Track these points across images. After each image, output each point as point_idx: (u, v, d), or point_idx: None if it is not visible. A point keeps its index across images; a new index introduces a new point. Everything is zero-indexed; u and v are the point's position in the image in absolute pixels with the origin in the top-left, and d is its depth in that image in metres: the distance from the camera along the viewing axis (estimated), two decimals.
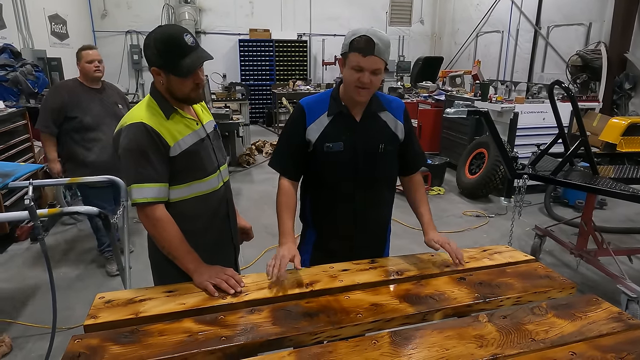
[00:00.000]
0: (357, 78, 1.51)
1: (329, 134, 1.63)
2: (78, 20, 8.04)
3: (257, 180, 6.11)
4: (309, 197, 1.79)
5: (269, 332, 1.22)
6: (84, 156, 3.02)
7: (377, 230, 1.83)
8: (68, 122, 2.97)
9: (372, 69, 1.49)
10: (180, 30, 1.44)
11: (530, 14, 8.24)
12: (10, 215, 1.90)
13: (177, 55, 1.42)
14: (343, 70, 1.57)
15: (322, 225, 1.79)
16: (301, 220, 1.86)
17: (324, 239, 1.79)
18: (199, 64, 1.45)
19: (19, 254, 3.74)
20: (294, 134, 1.68)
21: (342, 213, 1.72)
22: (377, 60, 1.49)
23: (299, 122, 1.66)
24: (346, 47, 1.52)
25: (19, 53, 4.60)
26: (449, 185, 5.82)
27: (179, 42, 1.41)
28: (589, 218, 3.21)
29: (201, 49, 1.47)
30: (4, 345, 2.46)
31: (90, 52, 3.00)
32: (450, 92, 6.99)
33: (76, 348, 1.14)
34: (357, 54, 1.48)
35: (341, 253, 1.74)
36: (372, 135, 1.67)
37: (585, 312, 1.36)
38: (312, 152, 1.67)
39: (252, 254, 3.64)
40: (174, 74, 1.45)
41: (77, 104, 2.97)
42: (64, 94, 2.99)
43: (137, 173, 1.45)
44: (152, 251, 1.66)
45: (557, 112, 3.12)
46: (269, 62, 10.21)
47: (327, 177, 1.70)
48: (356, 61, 1.49)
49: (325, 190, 1.72)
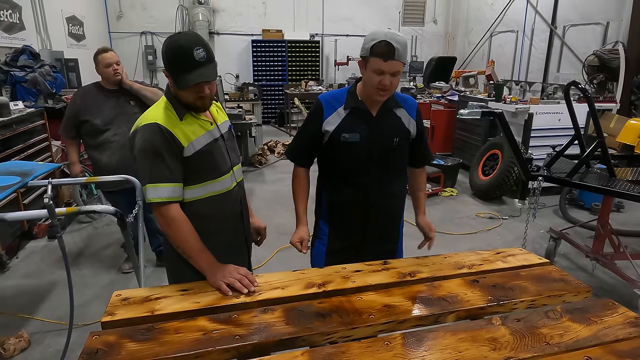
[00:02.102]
0: (378, 81, 1.59)
1: (346, 125, 1.71)
2: (94, 22, 8.18)
3: (269, 180, 6.14)
4: (325, 190, 1.87)
5: (282, 332, 1.23)
6: (97, 159, 3.06)
7: (390, 222, 1.89)
8: (83, 126, 3.02)
9: (393, 71, 1.58)
10: (194, 43, 1.42)
11: (545, 14, 8.13)
12: (31, 214, 1.95)
13: (181, 68, 1.43)
14: (363, 72, 1.65)
15: (337, 217, 1.86)
16: (316, 214, 1.95)
17: (338, 230, 1.86)
18: (197, 81, 1.44)
19: (37, 251, 3.82)
20: (310, 126, 1.79)
21: (357, 204, 1.79)
22: (397, 64, 1.56)
23: (317, 115, 1.75)
24: (367, 51, 1.58)
25: (37, 54, 4.70)
26: (461, 186, 5.78)
27: (187, 56, 1.41)
28: (606, 221, 3.16)
29: (209, 67, 1.45)
30: (22, 340, 2.52)
31: (106, 56, 2.96)
32: (463, 92, 6.93)
33: (94, 344, 1.16)
34: (378, 59, 1.55)
35: (355, 244, 1.82)
36: (388, 130, 1.74)
37: (601, 316, 1.35)
38: (328, 142, 1.74)
39: (264, 254, 3.66)
40: (175, 85, 1.48)
41: (89, 107, 2.99)
42: (77, 100, 3.04)
43: (152, 173, 1.47)
44: (166, 250, 1.68)
45: (573, 113, 3.08)
46: (281, 63, 10.24)
47: (343, 168, 1.78)
48: (377, 65, 1.56)
49: (341, 182, 1.80)
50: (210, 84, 1.50)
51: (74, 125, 3.04)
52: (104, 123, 2.98)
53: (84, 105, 3.00)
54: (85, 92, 3.10)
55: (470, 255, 1.77)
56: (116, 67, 2.97)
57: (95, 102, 3.00)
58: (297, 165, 1.89)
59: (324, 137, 1.75)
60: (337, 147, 1.73)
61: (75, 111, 3.00)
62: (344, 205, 1.81)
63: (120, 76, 3.00)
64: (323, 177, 1.88)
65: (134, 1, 9.40)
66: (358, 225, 1.82)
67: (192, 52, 1.41)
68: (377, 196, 1.78)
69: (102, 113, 2.99)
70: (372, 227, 1.82)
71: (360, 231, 1.83)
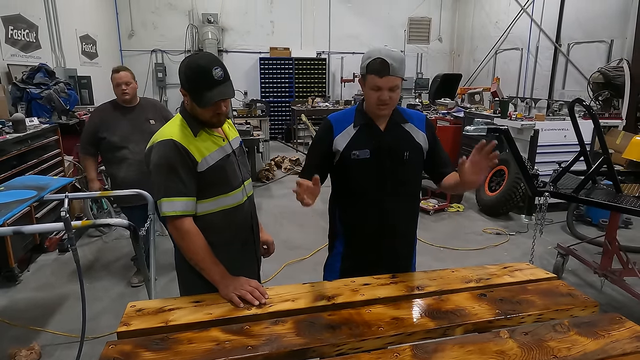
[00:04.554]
0: (377, 97, 1.64)
1: (356, 142, 1.73)
2: (107, 40, 8.40)
3: (276, 195, 6.18)
4: (338, 207, 1.87)
5: (293, 343, 1.26)
6: (114, 175, 3.17)
7: (404, 239, 1.88)
8: (101, 143, 3.13)
9: (389, 86, 1.62)
10: (212, 63, 1.51)
11: (550, 31, 8.23)
12: (47, 227, 2.00)
13: (201, 87, 1.50)
14: (363, 89, 1.70)
15: (351, 234, 1.84)
16: (330, 232, 1.93)
17: (352, 248, 1.85)
18: (219, 99, 1.52)
19: (48, 264, 3.87)
20: (320, 145, 1.79)
21: (371, 220, 1.78)
22: (393, 79, 1.61)
23: (326, 134, 1.77)
24: (364, 70, 1.65)
25: (53, 72, 4.83)
26: (468, 202, 5.78)
27: (207, 75, 1.48)
28: (614, 237, 3.16)
29: (227, 85, 1.54)
30: (33, 352, 2.55)
31: (117, 76, 3.07)
32: (469, 109, 6.99)
33: (111, 353, 1.20)
34: (374, 76, 1.61)
35: (370, 262, 1.80)
36: (397, 143, 1.76)
37: (609, 330, 1.36)
38: (339, 161, 1.76)
39: (272, 268, 3.68)
40: (195, 102, 1.54)
41: (106, 124, 3.11)
42: (96, 118, 3.19)
43: (167, 187, 1.53)
44: (178, 262, 1.72)
45: (578, 130, 3.12)
46: (288, 80, 10.40)
47: (355, 185, 1.77)
48: (374, 82, 1.62)
49: (354, 199, 1.79)
50: (226, 101, 1.57)
51: (92, 142, 3.16)
52: (121, 140, 3.08)
53: (102, 122, 3.12)
54: (102, 110, 3.23)
55: (477, 270, 1.79)
56: (124, 87, 3.08)
57: (111, 120, 3.12)
58: None
59: (335, 157, 1.76)
60: (349, 165, 1.74)
61: (94, 129, 3.13)
62: (359, 222, 1.80)
63: (128, 96, 3.11)
64: (335, 195, 1.88)
65: (145, 20, 9.65)
66: (373, 242, 1.80)
67: (212, 71, 1.49)
68: (391, 211, 1.77)
69: (119, 130, 3.10)
70: (388, 243, 1.80)
71: (375, 249, 1.81)
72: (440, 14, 11.25)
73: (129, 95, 3.12)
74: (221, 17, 9.90)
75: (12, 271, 3.48)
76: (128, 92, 3.11)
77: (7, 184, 2.43)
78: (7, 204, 2.07)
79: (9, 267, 3.46)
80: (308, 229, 4.80)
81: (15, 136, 3.61)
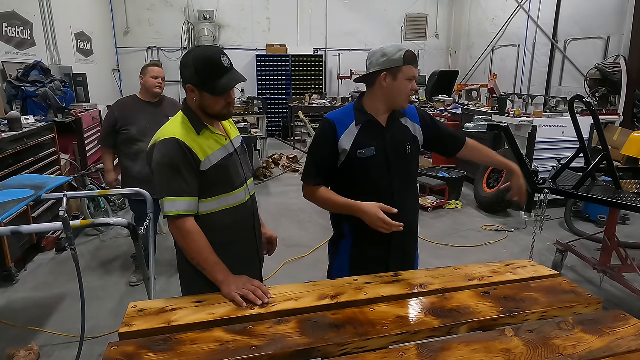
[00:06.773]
0: (411, 87, 1.69)
1: (361, 141, 1.73)
2: (102, 37, 8.32)
3: (274, 193, 6.17)
4: None
5: (297, 343, 1.24)
6: (131, 169, 3.23)
7: (410, 235, 1.87)
8: (120, 135, 3.20)
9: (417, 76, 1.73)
10: (218, 52, 1.54)
11: (547, 28, 8.23)
12: (46, 227, 1.98)
13: (214, 76, 1.50)
14: (390, 83, 1.67)
15: (359, 232, 1.80)
16: (335, 233, 1.92)
17: (359, 246, 1.84)
18: (233, 84, 1.53)
19: (45, 264, 3.84)
20: (325, 146, 1.76)
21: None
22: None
23: (330, 134, 1.74)
24: (399, 62, 1.65)
25: (48, 70, 4.78)
26: (466, 199, 5.79)
27: (217, 63, 1.50)
28: (613, 233, 3.17)
29: (235, 71, 1.56)
30: (32, 353, 2.53)
31: (156, 69, 3.22)
32: (466, 105, 6.99)
33: (113, 354, 1.18)
34: (411, 66, 1.67)
35: (378, 258, 1.80)
36: (399, 138, 1.78)
37: (613, 327, 1.35)
38: (345, 161, 1.74)
39: (271, 266, 3.67)
40: (209, 93, 1.52)
41: (127, 117, 3.19)
42: (115, 111, 3.26)
43: (170, 187, 1.51)
44: (180, 262, 1.71)
45: (577, 127, 3.11)
46: (285, 77, 10.37)
47: (363, 183, 1.76)
48: (411, 72, 1.67)
49: (362, 198, 1.74)
50: (233, 91, 1.58)
51: (111, 134, 3.23)
52: (139, 133, 3.15)
53: (121, 115, 3.19)
54: (122, 103, 3.34)
55: (480, 267, 1.78)
56: (161, 81, 3.22)
57: (131, 113, 3.20)
58: (317, 185, 1.77)
59: (341, 157, 1.73)
60: (355, 164, 1.72)
61: (113, 122, 3.20)
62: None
63: (160, 90, 3.24)
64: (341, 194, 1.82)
65: (140, 17, 9.58)
66: (383, 239, 1.72)
67: (220, 60, 1.50)
68: (400, 206, 1.70)
69: (137, 123, 3.17)
70: (397, 240, 1.77)
71: (385, 246, 1.79)
72: (437, 10, 11.23)
73: (161, 90, 3.25)
74: (217, 14, 9.84)
75: (9, 271, 3.45)
76: (161, 87, 3.24)
77: (3, 183, 2.40)
78: (4, 203, 2.04)
79: (6, 267, 3.43)
80: (307, 226, 4.80)
81: (11, 135, 3.57)
